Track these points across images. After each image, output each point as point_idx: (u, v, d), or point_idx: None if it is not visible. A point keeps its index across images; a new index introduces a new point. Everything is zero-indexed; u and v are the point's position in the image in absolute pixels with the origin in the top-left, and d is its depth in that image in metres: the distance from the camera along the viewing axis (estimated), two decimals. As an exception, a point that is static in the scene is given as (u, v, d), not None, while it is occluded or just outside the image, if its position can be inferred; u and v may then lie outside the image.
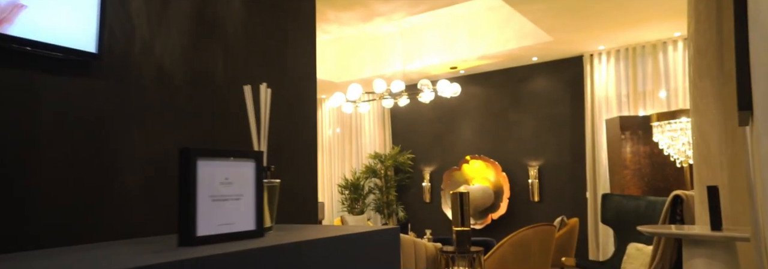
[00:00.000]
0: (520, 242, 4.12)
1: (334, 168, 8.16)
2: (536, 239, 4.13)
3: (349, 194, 7.38)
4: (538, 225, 4.14)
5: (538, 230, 4.13)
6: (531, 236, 4.12)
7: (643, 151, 3.89)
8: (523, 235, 4.12)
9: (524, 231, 4.13)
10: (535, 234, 4.12)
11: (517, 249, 4.12)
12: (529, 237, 4.12)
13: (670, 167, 3.87)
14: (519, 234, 4.13)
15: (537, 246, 4.12)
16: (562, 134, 6.20)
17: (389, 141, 7.68)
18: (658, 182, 3.86)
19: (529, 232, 4.12)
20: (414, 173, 7.40)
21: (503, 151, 6.63)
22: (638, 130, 3.95)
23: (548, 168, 6.25)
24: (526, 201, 6.37)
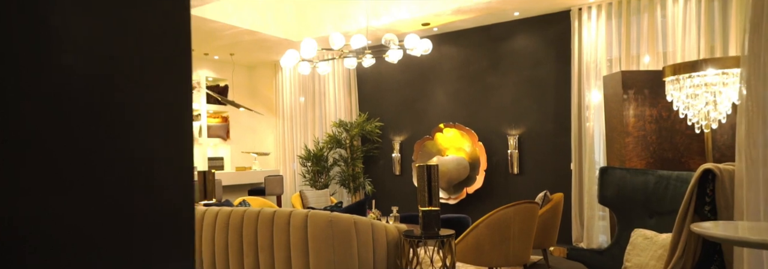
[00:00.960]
0: (498, 223, 3.52)
1: (297, 138, 7.43)
2: (516, 219, 3.54)
3: (312, 166, 6.70)
4: (519, 203, 3.54)
5: (519, 209, 3.54)
6: (510, 216, 3.52)
7: (648, 114, 3.27)
8: (501, 215, 3.52)
9: (502, 211, 3.53)
10: (514, 213, 3.53)
11: (495, 231, 3.53)
12: (508, 218, 3.52)
13: (680, 135, 3.26)
14: (496, 213, 3.53)
15: (517, 228, 3.54)
16: (545, 100, 5.57)
17: (356, 108, 6.95)
18: (666, 152, 3.27)
19: (509, 211, 3.52)
20: (383, 143, 6.74)
21: (480, 118, 5.99)
22: (644, 88, 3.30)
23: (529, 137, 5.66)
24: (504, 174, 5.80)
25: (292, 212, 3.14)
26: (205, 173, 4.47)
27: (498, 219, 3.50)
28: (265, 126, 7.74)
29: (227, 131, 7.39)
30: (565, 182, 5.32)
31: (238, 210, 3.39)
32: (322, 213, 3.06)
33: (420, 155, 6.34)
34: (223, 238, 3.39)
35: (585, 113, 5.17)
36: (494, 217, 3.50)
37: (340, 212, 3.34)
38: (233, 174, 6.38)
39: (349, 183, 6.60)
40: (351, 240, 3.05)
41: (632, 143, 3.32)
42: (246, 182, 6.55)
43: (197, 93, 7.05)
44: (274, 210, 3.22)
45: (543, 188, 5.46)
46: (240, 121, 7.50)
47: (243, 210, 3.37)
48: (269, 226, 3.19)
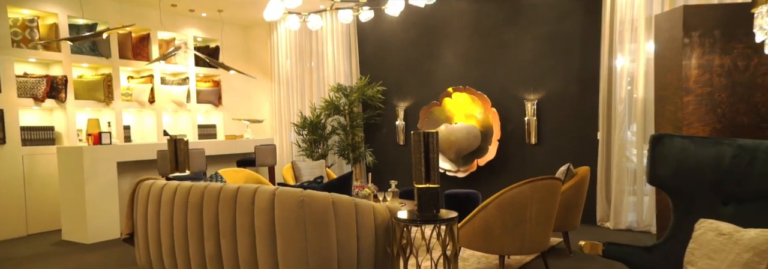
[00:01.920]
0: (512, 203, 2.92)
1: (292, 104, 6.82)
2: (534, 198, 2.92)
3: (308, 135, 6.12)
4: (537, 180, 2.91)
5: (537, 186, 2.92)
6: (527, 195, 2.91)
7: (718, 65, 2.53)
8: (515, 194, 2.91)
9: (517, 189, 2.91)
10: (532, 191, 2.91)
11: (507, 212, 2.93)
12: (525, 197, 2.91)
13: (761, 92, 2.52)
14: (509, 192, 2.92)
15: (535, 209, 2.93)
16: (569, 59, 4.83)
17: (356, 71, 6.28)
18: (740, 116, 2.54)
19: (525, 190, 2.91)
20: (385, 109, 6.10)
21: (494, 81, 5.29)
22: (714, 28, 2.50)
23: (550, 102, 4.96)
24: (520, 144, 5.14)
25: (258, 189, 2.56)
26: (175, 142, 3.91)
27: (512, 198, 2.88)
28: (261, 92, 7.13)
29: (219, 97, 6.81)
30: (590, 153, 4.66)
31: (198, 186, 2.83)
32: (291, 191, 2.48)
33: (426, 122, 5.70)
34: (182, 219, 2.85)
35: (617, 73, 4.44)
36: (507, 196, 2.89)
37: (318, 189, 2.76)
38: (222, 143, 5.84)
39: (349, 154, 6.03)
40: (328, 224, 2.48)
41: (693, 103, 2.61)
42: (237, 152, 6.02)
43: (184, 54, 6.43)
44: (237, 187, 2.65)
45: (565, 160, 4.82)
46: (233, 85, 6.89)
47: (203, 186, 2.80)
48: (232, 206, 2.63)
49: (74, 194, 4.45)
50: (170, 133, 6.44)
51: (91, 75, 5.56)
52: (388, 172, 6.10)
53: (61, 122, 5.19)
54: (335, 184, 2.73)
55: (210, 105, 6.69)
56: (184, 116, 6.57)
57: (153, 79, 6.06)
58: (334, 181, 2.73)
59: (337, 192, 2.78)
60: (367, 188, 4.18)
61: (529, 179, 2.90)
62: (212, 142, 5.76)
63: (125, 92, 5.88)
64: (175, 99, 6.25)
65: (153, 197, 3.02)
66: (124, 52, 5.73)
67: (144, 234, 3.09)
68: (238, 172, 4.71)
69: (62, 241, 4.51)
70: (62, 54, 5.12)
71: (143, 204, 3.08)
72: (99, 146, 4.55)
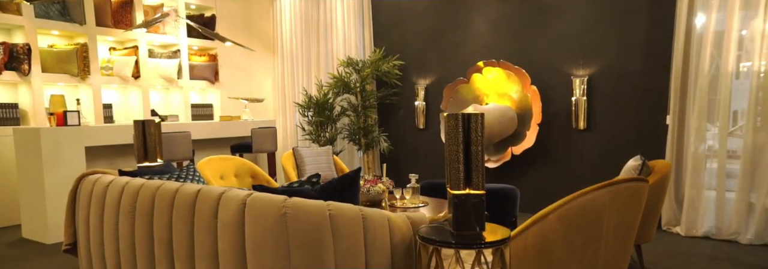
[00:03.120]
0: (582, 215, 2.10)
1: (297, 81, 6.02)
2: (614, 209, 2.11)
3: (314, 116, 5.33)
4: (620, 182, 2.09)
5: (620, 191, 2.10)
6: (604, 203, 2.09)
7: None
8: (587, 202, 2.09)
9: (591, 194, 2.09)
10: (612, 198, 2.09)
11: (575, 228, 2.12)
12: (601, 206, 2.09)
13: None
14: (580, 199, 2.10)
15: (614, 223, 2.12)
16: (631, 24, 3.92)
17: (369, 43, 5.43)
18: None
19: (602, 196, 2.09)
20: (403, 87, 5.27)
21: (534, 54, 4.40)
22: None
23: (604, 79, 4.08)
24: (565, 129, 4.29)
25: (223, 196, 1.79)
26: (143, 124, 3.15)
27: (582, 208, 2.07)
28: (262, 67, 6.33)
29: (216, 73, 6.03)
30: (656, 141, 3.80)
31: (150, 186, 2.06)
32: (270, 200, 1.69)
33: (451, 103, 4.86)
34: (128, 230, 2.11)
35: (699, 39, 3.53)
36: (576, 205, 2.07)
37: (310, 195, 1.97)
38: (213, 126, 5.09)
39: (360, 138, 5.24)
40: (323, 247, 1.70)
41: None
42: (232, 136, 5.27)
43: (174, 23, 5.64)
44: (195, 191, 1.88)
45: (621, 149, 3.97)
46: (232, 60, 6.10)
47: (156, 186, 2.04)
48: (188, 218, 1.87)
49: (33, 184, 3.76)
50: (159, 113, 5.71)
51: (63, 45, 4.81)
52: (405, 160, 5.31)
53: (26, 98, 4.47)
54: (336, 187, 1.96)
55: (205, 82, 5.92)
56: (176, 94, 5.82)
57: (138, 51, 5.29)
58: (335, 182, 1.96)
59: (338, 199, 2.00)
60: (381, 183, 3.39)
61: (608, 181, 2.07)
62: (202, 124, 5.00)
63: (105, 65, 5.13)
64: (164, 74, 5.49)
65: (96, 199, 2.27)
66: (102, 18, 4.95)
67: (86, 245, 2.36)
68: (226, 160, 3.97)
69: (21, 240, 3.84)
70: (24, 18, 4.36)
71: (85, 207, 2.34)
72: (63, 127, 3.82)
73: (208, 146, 5.32)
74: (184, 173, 2.72)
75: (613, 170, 4.02)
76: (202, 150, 5.37)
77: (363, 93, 5.18)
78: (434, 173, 4.96)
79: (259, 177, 4.05)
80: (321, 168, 4.47)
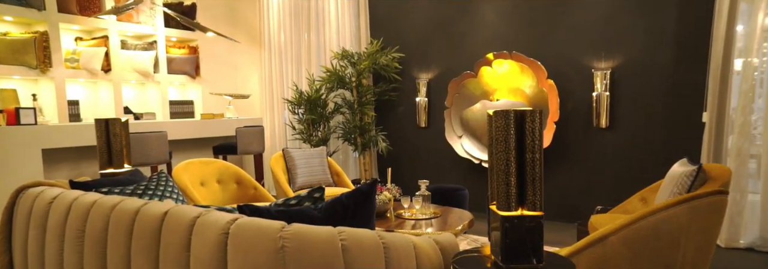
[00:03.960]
0: (655, 237, 1.69)
1: (286, 76, 5.54)
2: (693, 230, 1.70)
3: (306, 114, 4.86)
4: (701, 196, 1.68)
5: (701, 207, 1.70)
6: (681, 223, 1.69)
7: None
8: (660, 222, 1.68)
9: (666, 212, 1.68)
10: (691, 217, 1.69)
11: (644, 253, 1.71)
12: (677, 227, 1.69)
13: None
14: (652, 218, 1.69)
15: (693, 246, 1.71)
16: (660, 12, 3.52)
17: (366, 33, 4.97)
18: None
19: (680, 214, 1.68)
20: (403, 82, 4.82)
21: (550, 45, 3.99)
22: None
23: (629, 73, 3.68)
24: (585, 128, 3.89)
25: (199, 221, 1.32)
26: (106, 124, 2.66)
27: (655, 229, 1.65)
28: (248, 61, 5.82)
29: (197, 66, 5.51)
30: (690, 141, 3.41)
31: (105, 202, 1.60)
32: (261, 228, 1.24)
33: (457, 99, 4.43)
34: (75, 261, 1.63)
35: (744, 27, 3.15)
36: (647, 225, 1.66)
37: (311, 217, 1.52)
38: (193, 125, 4.59)
39: (356, 138, 4.78)
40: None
41: None
42: (214, 136, 4.78)
43: (150, 11, 5.11)
44: (162, 212, 1.41)
45: (647, 149, 3.57)
46: (215, 53, 5.58)
47: (113, 203, 1.57)
48: (152, 250, 1.40)
49: (-20, 193, 3.24)
50: (133, 111, 5.18)
51: (18, 33, 4.26)
52: (405, 162, 4.87)
53: (-24, 94, 3.92)
54: (346, 205, 1.50)
55: (185, 76, 5.40)
56: (152, 90, 5.29)
57: (108, 41, 4.76)
58: (344, 199, 1.51)
59: (350, 221, 1.55)
60: (386, 190, 2.95)
61: (685, 196, 1.65)
62: (180, 123, 4.50)
63: (70, 56, 4.59)
64: (139, 68, 4.96)
65: (36, 219, 1.79)
66: (65, 4, 4.41)
67: (25, 277, 1.88)
68: (207, 164, 3.49)
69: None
70: (-30, 2, 3.81)
71: (23, 229, 1.85)
72: (15, 126, 3.31)
73: (187, 147, 4.82)
74: (153, 184, 2.25)
75: (640, 174, 3.63)
76: (181, 152, 4.87)
77: (359, 88, 4.72)
78: (437, 177, 4.53)
79: (245, 183, 3.58)
80: (314, 172, 4.02)
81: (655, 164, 3.57)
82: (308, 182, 3.97)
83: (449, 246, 1.62)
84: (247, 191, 3.58)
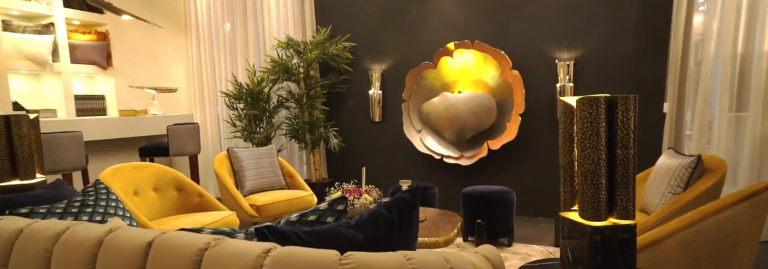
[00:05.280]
0: (716, 238, 1.53)
1: (220, 66, 4.96)
2: (751, 229, 1.57)
3: (246, 109, 4.35)
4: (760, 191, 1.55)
5: (762, 203, 1.57)
6: (743, 222, 1.55)
7: None
8: (723, 221, 1.53)
9: (728, 211, 1.53)
10: (753, 214, 1.56)
11: (702, 255, 1.55)
12: (740, 225, 1.55)
13: None
14: (712, 219, 1.53)
15: (749, 244, 1.58)
16: (623, 3, 3.52)
17: (311, 20, 4.55)
18: None
19: (742, 212, 1.55)
20: (355, 73, 4.48)
21: (512, 35, 3.87)
22: None
23: (591, 63, 3.65)
24: (548, 120, 3.82)
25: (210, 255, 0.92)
26: (7, 122, 2.06)
27: (718, 230, 1.50)
28: (172, 49, 5.13)
29: (108, 55, 4.73)
30: (652, 132, 3.45)
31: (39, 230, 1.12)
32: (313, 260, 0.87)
33: (415, 91, 4.18)
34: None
35: (703, 18, 3.21)
36: (709, 227, 1.50)
37: (353, 240, 1.17)
38: (113, 123, 3.91)
39: (304, 134, 4.36)
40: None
41: None
42: (139, 135, 4.12)
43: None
44: (144, 244, 0.98)
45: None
46: (130, 40, 4.83)
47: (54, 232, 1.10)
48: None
49: None
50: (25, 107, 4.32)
51: None
52: (357, 159, 4.55)
53: None
54: (388, 218, 1.16)
55: (93, 67, 4.61)
56: (51, 82, 4.45)
57: (-9, 22, 3.89)
58: (386, 211, 1.16)
59: (397, 237, 1.22)
60: (366, 193, 2.62)
61: (747, 192, 1.51)
62: (94, 121, 3.81)
63: (-58, 41, 3.68)
64: (31, 55, 4.13)
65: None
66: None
67: None
68: (139, 169, 2.92)
69: None
70: None
71: None
72: None
73: (105, 149, 4.11)
74: (91, 199, 1.73)
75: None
76: (99, 156, 4.15)
77: (307, 80, 4.30)
78: (395, 174, 4.26)
79: (188, 190, 3.06)
80: (265, 173, 3.57)
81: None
82: (259, 185, 3.51)
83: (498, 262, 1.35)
84: (190, 200, 3.06)
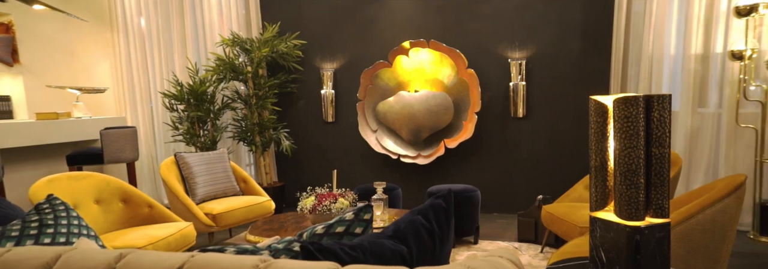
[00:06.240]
0: (710, 232, 1.64)
1: (155, 66, 4.56)
2: (736, 217, 1.69)
3: (188, 110, 4.04)
4: (743, 183, 1.67)
5: (741, 194, 1.69)
6: (731, 213, 1.66)
7: None
8: (716, 214, 1.64)
9: (720, 204, 1.64)
10: (737, 206, 1.67)
11: (698, 249, 1.65)
12: (729, 217, 1.66)
13: None
14: (707, 211, 1.62)
15: (731, 234, 1.70)
16: (569, 4, 3.68)
17: (257, 16, 4.32)
18: None
19: (731, 204, 1.66)
20: (305, 72, 4.32)
21: (466, 34, 3.92)
22: None
23: (542, 63, 3.79)
24: (502, 118, 3.91)
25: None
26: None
27: (711, 222, 1.60)
28: (95, 46, 4.63)
29: (13, 50, 4.17)
30: (601, 128, 3.63)
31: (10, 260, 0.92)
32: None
33: (371, 91, 4.11)
34: None
35: (640, 21, 3.44)
36: (703, 220, 1.58)
37: (395, 250, 1.08)
38: (30, 128, 3.45)
39: (253, 137, 4.13)
40: None
41: None
42: (64, 141, 3.67)
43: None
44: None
45: (561, 137, 3.73)
46: (41, 33, 4.29)
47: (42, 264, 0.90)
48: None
49: None
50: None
51: None
52: (310, 161, 4.40)
53: None
54: (430, 228, 1.07)
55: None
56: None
57: None
58: (424, 220, 1.07)
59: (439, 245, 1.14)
60: (341, 198, 2.52)
61: (734, 185, 1.61)
62: (8, 125, 3.35)
63: None
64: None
65: None
66: None
67: None
68: (78, 180, 2.60)
69: None
70: None
71: None
72: None
73: (20, 158, 3.63)
74: (50, 217, 1.50)
75: (557, 162, 3.79)
76: (15, 167, 3.65)
77: (256, 80, 4.07)
78: (351, 176, 4.17)
79: (136, 201, 2.77)
80: (218, 179, 3.33)
81: (571, 152, 3.75)
82: (211, 192, 3.27)
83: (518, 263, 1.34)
84: (138, 211, 2.77)
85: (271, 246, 1.14)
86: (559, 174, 3.77)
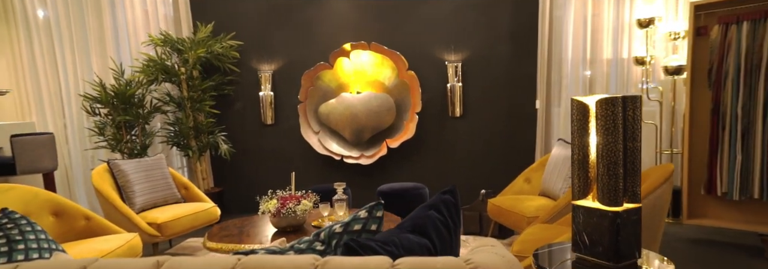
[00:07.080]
0: (652, 217, 1.89)
1: (67, 66, 4.16)
2: (668, 202, 1.96)
3: (114, 114, 3.75)
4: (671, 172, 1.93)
5: (671, 181, 1.96)
6: (665, 199, 1.93)
7: None
8: (656, 200, 1.89)
9: (659, 190, 1.89)
10: (669, 192, 1.93)
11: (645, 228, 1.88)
12: (666, 202, 1.93)
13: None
14: (650, 197, 1.86)
15: (663, 217, 1.97)
16: (497, 10, 3.95)
17: (187, 16, 4.12)
18: None
19: (666, 191, 1.92)
20: (241, 74, 4.20)
21: (405, 37, 4.05)
22: None
23: (475, 65, 4.03)
24: (440, 117, 4.10)
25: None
26: None
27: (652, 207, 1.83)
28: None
29: None
30: (529, 127, 3.95)
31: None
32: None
33: (312, 92, 4.09)
34: None
35: (560, 29, 3.78)
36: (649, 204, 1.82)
37: (420, 244, 1.14)
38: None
39: (188, 141, 3.94)
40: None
41: None
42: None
43: None
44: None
45: (495, 135, 4.00)
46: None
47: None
48: None
49: None
50: None
51: None
52: (249, 164, 4.28)
53: None
54: (444, 221, 1.13)
55: None
56: None
57: None
58: (436, 214, 1.14)
59: (455, 242, 1.22)
60: (305, 200, 2.52)
61: (666, 173, 1.87)
62: None
63: None
64: None
65: None
66: None
67: None
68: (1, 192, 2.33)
69: None
70: None
71: None
72: None
73: None
74: (15, 233, 1.37)
75: (491, 158, 4.04)
76: None
77: (190, 82, 3.88)
78: (307, 179, 4.13)
79: (71, 213, 2.54)
80: (157, 187, 3.16)
81: (504, 149, 4.02)
82: (151, 201, 3.09)
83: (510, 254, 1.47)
84: (74, 225, 2.55)
85: (294, 247, 1.15)
86: (496, 170, 4.03)
